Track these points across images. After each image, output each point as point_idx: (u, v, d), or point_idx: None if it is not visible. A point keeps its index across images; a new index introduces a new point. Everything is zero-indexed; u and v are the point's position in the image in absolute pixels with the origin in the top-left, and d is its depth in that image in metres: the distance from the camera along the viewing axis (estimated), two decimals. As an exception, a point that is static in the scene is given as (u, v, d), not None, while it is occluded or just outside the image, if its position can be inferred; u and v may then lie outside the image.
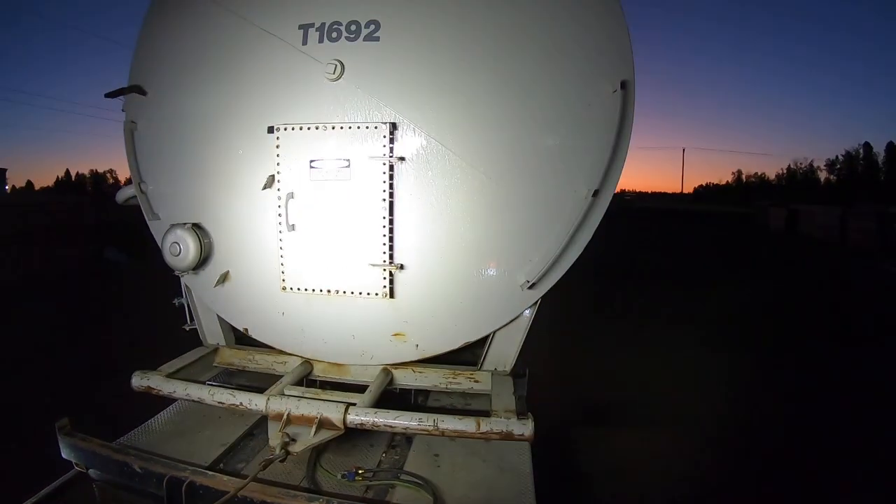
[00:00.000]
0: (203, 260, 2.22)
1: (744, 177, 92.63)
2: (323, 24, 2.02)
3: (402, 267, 2.05)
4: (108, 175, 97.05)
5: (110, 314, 8.12)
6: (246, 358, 2.42)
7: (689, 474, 3.85)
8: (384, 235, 2.01)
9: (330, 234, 2.06)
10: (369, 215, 2.01)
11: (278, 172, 2.06)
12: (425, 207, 2.01)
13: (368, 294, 2.08)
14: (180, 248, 2.14)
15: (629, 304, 9.34)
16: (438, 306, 2.11)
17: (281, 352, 2.34)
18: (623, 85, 1.89)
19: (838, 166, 71.00)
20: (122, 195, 2.49)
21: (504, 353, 2.20)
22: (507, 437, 1.77)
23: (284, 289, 2.15)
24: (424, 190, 2.00)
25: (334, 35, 2.01)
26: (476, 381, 2.21)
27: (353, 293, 2.09)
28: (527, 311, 2.13)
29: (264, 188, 2.08)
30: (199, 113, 2.20)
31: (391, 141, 1.96)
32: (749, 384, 5.62)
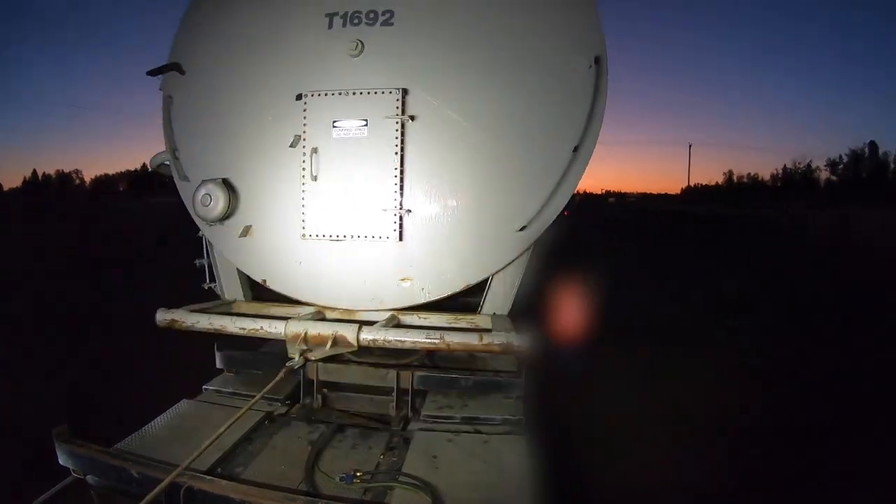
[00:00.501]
0: (230, 213, 2.46)
1: (735, 177, 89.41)
2: (346, 12, 2.43)
3: (409, 211, 2.31)
4: (74, 175, 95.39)
5: None
6: (262, 310, 2.58)
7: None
8: (395, 184, 2.30)
9: (348, 184, 2.34)
10: (383, 167, 2.31)
11: (304, 132, 2.37)
12: (431, 161, 2.32)
13: (380, 237, 2.32)
14: (210, 199, 2.39)
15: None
16: (442, 251, 2.35)
17: (296, 303, 2.53)
18: (597, 60, 2.28)
19: (841, 166, 67.00)
20: (154, 161, 2.77)
21: (502, 295, 2.42)
22: (507, 349, 1.96)
23: (304, 236, 2.39)
24: (430, 145, 2.32)
25: (356, 21, 2.41)
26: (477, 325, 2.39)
27: (366, 237, 2.33)
28: (522, 255, 2.37)
29: (291, 146, 2.38)
30: (233, 86, 2.55)
31: (403, 104, 2.31)
32: None
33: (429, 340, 1.97)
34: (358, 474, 1.93)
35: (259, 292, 2.68)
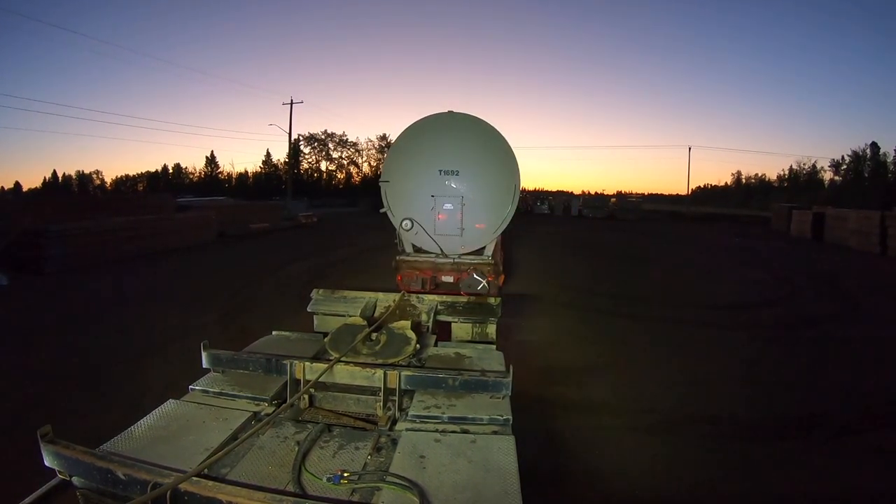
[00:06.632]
0: (412, 227, 8.60)
1: (743, 178, 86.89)
2: (445, 169, 8.44)
3: (463, 229, 8.56)
4: (95, 176, 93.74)
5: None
6: (414, 256, 8.79)
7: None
8: (460, 219, 8.50)
9: (448, 220, 8.54)
10: (456, 215, 8.50)
11: (434, 205, 8.50)
12: (469, 214, 8.52)
13: (455, 234, 8.57)
14: (409, 225, 8.52)
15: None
16: (472, 237, 8.62)
17: (427, 252, 8.75)
18: (516, 185, 8.47)
19: (843, 167, 64.57)
20: (382, 210, 8.79)
21: (490, 251, 8.75)
22: (486, 261, 8.33)
23: (434, 232, 8.60)
24: (470, 211, 8.50)
25: (448, 172, 8.45)
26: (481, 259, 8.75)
27: (452, 235, 8.58)
28: (495, 238, 8.69)
29: (431, 210, 8.51)
30: (408, 185, 8.58)
31: (462, 200, 8.46)
32: None
33: (470, 258, 8.29)
34: (345, 475, 1.96)
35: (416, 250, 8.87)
